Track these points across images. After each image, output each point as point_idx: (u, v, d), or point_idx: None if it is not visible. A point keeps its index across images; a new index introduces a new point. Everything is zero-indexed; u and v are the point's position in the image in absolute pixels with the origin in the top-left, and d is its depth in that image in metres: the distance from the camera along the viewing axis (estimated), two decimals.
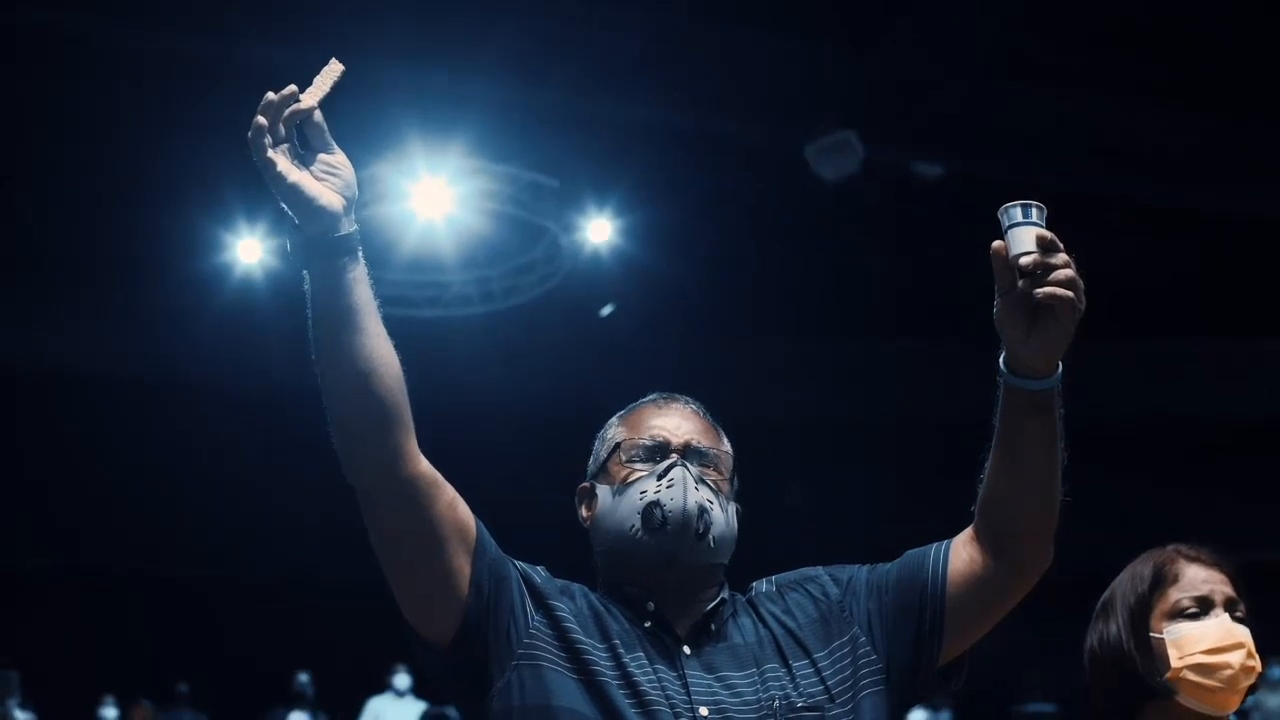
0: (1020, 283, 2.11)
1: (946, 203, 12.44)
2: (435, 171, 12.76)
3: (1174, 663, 2.57)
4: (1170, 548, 2.70)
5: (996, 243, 2.12)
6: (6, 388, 14.82)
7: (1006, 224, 2.13)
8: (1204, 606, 2.61)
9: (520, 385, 15.76)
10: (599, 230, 13.98)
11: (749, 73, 11.52)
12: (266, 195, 2.13)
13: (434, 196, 13.14)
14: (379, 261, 14.01)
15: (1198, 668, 2.56)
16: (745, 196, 13.63)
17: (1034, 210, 2.13)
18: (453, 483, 2.23)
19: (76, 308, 14.73)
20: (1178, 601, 2.61)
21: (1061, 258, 2.10)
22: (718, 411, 2.47)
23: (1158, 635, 2.60)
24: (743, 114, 12.07)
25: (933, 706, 14.35)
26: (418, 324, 14.48)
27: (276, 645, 14.79)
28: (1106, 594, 2.71)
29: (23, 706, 11.47)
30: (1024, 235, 2.11)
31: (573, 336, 15.82)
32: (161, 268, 14.06)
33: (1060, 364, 2.18)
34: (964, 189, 12.02)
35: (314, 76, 2.14)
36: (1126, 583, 2.68)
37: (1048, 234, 2.11)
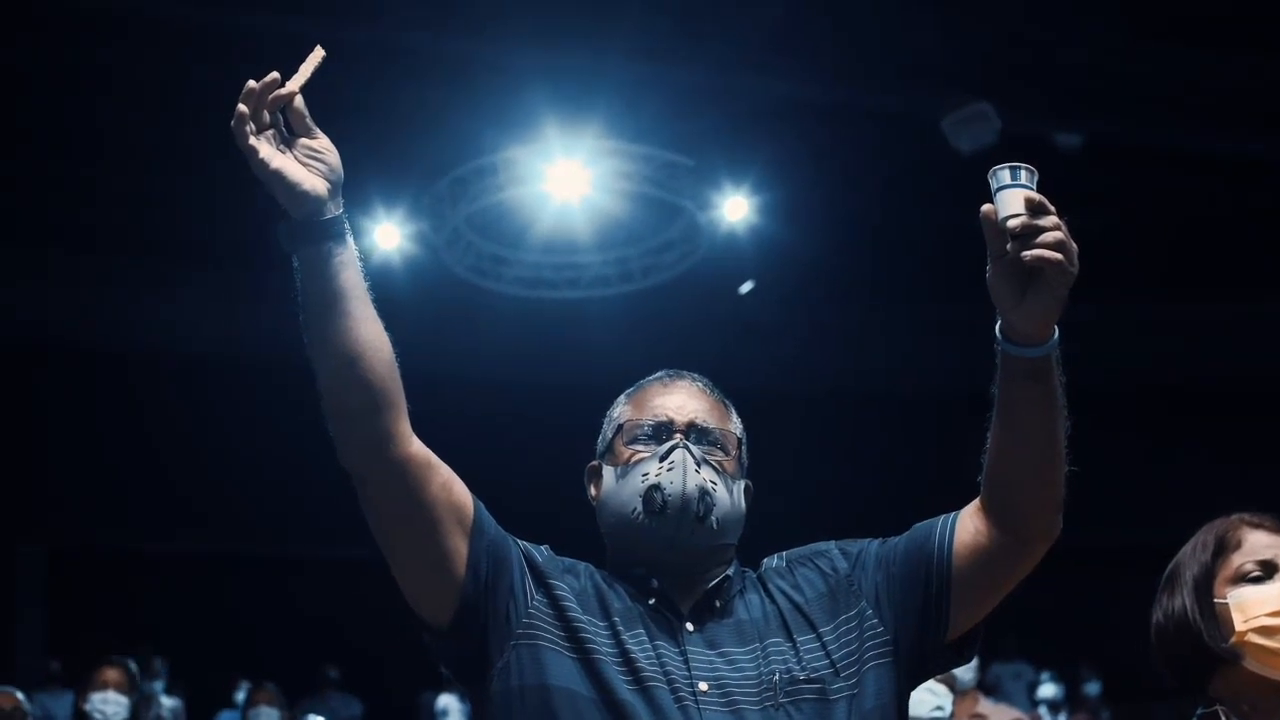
0: (1009, 246, 2.05)
1: (1090, 170, 12.21)
2: (570, 153, 12.77)
3: (1238, 626, 2.53)
4: (1234, 516, 2.65)
5: (986, 206, 2.06)
6: (134, 368, 15.17)
7: (995, 187, 2.07)
8: (1268, 570, 2.56)
9: (661, 364, 15.72)
10: (736, 208, 13.93)
11: (882, 43, 11.39)
12: (405, 181, 2.14)
13: (570, 178, 13.14)
14: (516, 243, 14.18)
15: (1262, 630, 2.51)
16: (882, 169, 13.50)
17: (1023, 172, 2.08)
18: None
19: (216, 291, 14.97)
20: (1240, 566, 2.57)
21: (1051, 220, 2.04)
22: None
23: (1221, 601, 2.56)
24: (877, 85, 11.95)
25: (1082, 678, 14.24)
26: (557, 306, 14.53)
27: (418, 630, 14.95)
28: (1171, 566, 2.67)
29: (169, 692, 11.68)
30: (1013, 198, 2.06)
31: (713, 315, 15.79)
32: None
33: (1056, 330, 2.12)
34: (1108, 156, 11.79)
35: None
36: (1189, 553, 2.64)
37: (1036, 196, 2.05)
